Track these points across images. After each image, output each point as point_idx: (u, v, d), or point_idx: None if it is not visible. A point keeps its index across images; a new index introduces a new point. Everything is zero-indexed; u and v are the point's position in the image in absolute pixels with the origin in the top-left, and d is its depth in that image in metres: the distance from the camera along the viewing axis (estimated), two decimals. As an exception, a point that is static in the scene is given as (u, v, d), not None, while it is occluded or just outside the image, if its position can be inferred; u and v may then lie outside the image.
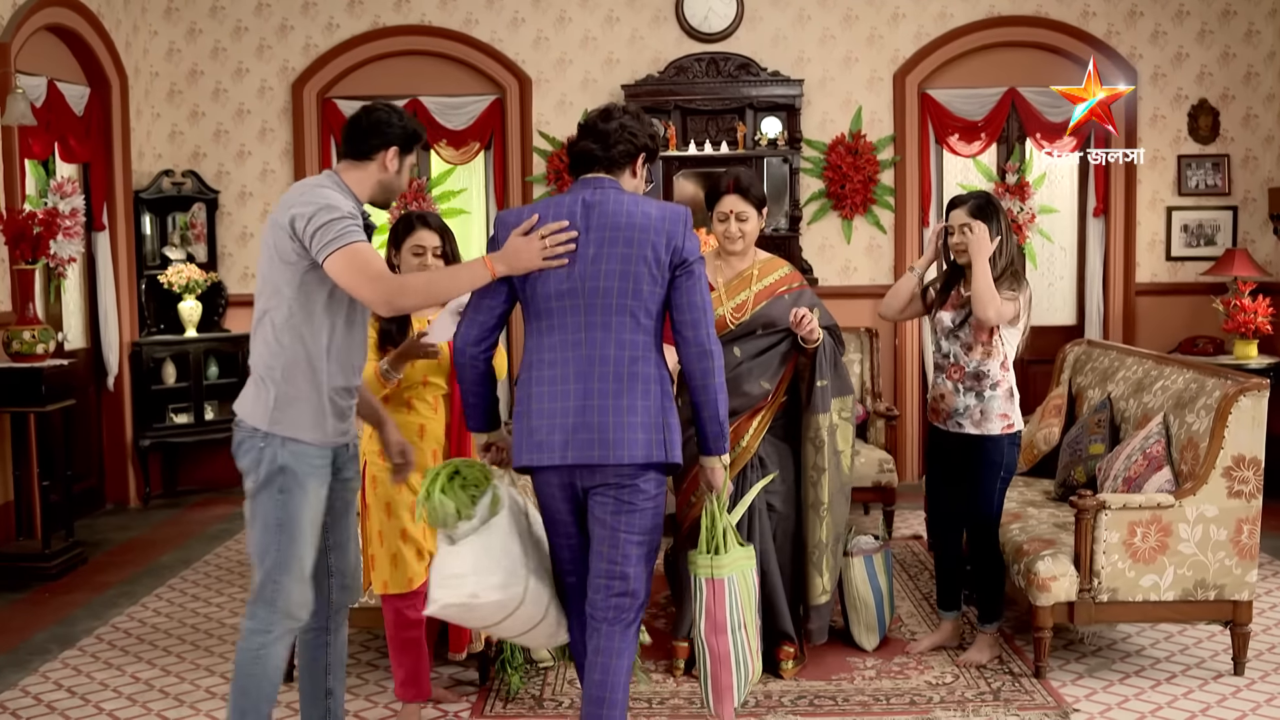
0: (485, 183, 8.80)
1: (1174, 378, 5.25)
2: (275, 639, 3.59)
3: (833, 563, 4.88)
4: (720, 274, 4.84)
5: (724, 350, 4.73)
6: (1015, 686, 4.65)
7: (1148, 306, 8.64)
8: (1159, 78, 8.55)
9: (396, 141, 3.64)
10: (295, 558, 3.59)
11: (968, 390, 4.76)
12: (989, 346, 4.72)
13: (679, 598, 5.13)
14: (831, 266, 8.62)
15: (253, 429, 3.58)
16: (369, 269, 3.46)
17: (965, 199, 4.79)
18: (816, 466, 4.75)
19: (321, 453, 3.63)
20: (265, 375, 3.58)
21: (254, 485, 3.59)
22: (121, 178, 8.06)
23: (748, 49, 8.48)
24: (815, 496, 4.76)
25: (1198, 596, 4.70)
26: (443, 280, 3.62)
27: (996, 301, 4.59)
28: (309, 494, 3.61)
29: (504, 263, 3.52)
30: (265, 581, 3.59)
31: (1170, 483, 4.82)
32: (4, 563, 6.37)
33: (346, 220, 3.47)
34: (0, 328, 6.50)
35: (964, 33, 8.53)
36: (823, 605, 4.85)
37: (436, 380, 4.22)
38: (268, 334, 3.60)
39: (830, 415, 4.76)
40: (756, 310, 4.77)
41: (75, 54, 7.71)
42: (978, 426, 4.75)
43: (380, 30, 8.59)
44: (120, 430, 8.11)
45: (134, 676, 4.91)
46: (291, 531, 3.58)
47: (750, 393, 4.76)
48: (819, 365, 4.72)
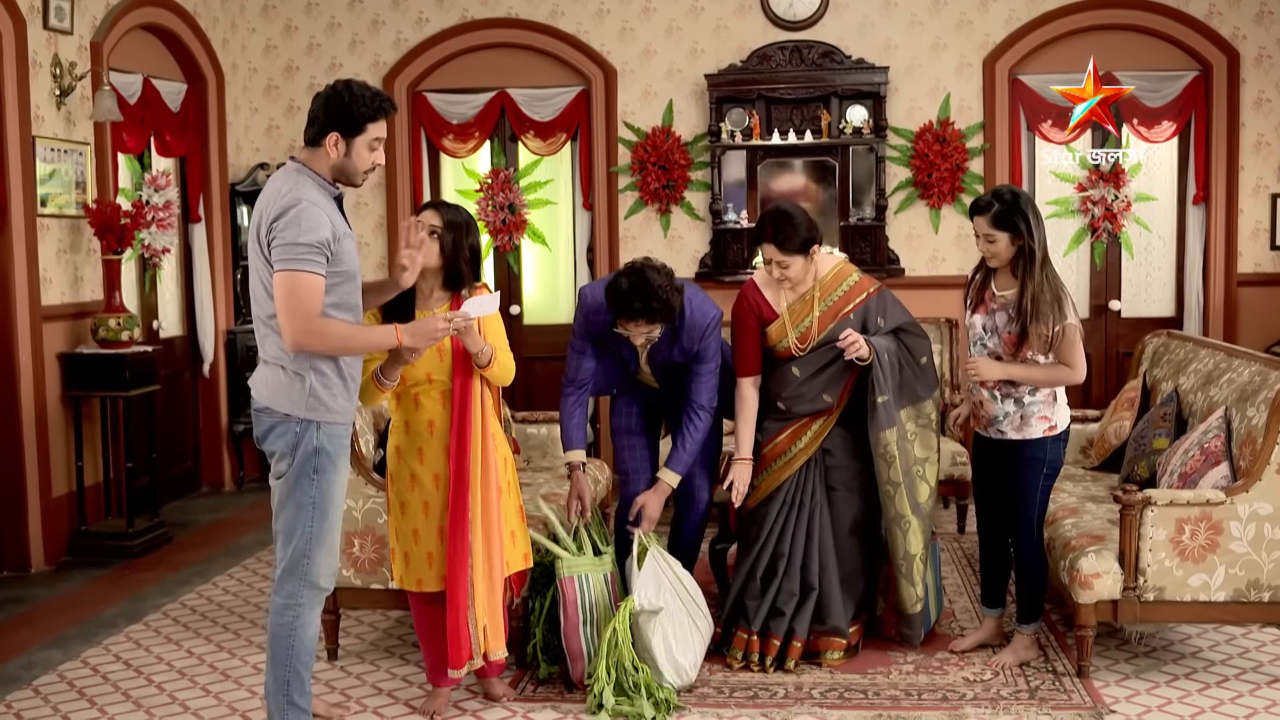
0: (572, 173, 8.87)
1: (1241, 370, 5.05)
2: (307, 609, 3.82)
3: (925, 572, 4.81)
4: (783, 297, 4.79)
5: (785, 369, 4.73)
6: (1055, 685, 4.53)
7: (1250, 298, 8.31)
8: (1264, 59, 8.20)
9: (336, 127, 3.74)
10: (327, 531, 3.81)
11: (1005, 397, 4.61)
12: (1021, 355, 4.56)
13: (723, 587, 5.15)
14: (919, 256, 8.47)
15: (285, 415, 3.74)
16: (301, 305, 3.63)
17: (988, 204, 4.51)
18: (891, 481, 4.68)
19: (348, 430, 3.87)
20: (294, 365, 3.73)
21: (288, 468, 3.76)
22: (217, 171, 8.32)
23: (833, 36, 8.39)
24: (896, 511, 4.70)
25: (1251, 598, 4.51)
26: (357, 337, 3.81)
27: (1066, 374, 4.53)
28: (340, 472, 3.84)
29: (410, 336, 3.86)
30: (297, 557, 3.78)
31: (1227, 478, 4.64)
32: (89, 540, 6.65)
33: (305, 248, 3.62)
34: (90, 315, 6.78)
35: (1057, 16, 8.30)
36: (917, 615, 4.82)
37: (440, 376, 4.20)
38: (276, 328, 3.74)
39: (899, 429, 4.66)
40: (821, 337, 4.73)
41: (172, 52, 7.98)
42: (1018, 431, 4.62)
43: (468, 24, 8.71)
44: (215, 415, 8.39)
45: (189, 651, 5.09)
46: (324, 508, 3.79)
47: (813, 406, 4.76)
48: (876, 381, 4.63)
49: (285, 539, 3.80)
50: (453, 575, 4.16)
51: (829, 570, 4.76)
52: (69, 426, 6.69)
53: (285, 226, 3.62)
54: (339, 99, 3.74)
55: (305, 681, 3.86)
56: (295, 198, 3.67)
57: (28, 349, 6.39)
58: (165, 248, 7.41)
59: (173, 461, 7.98)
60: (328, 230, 3.68)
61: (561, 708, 4.42)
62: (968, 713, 4.30)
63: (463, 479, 4.17)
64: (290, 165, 3.80)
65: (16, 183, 6.31)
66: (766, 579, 4.74)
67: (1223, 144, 8.27)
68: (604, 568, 4.63)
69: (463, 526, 4.15)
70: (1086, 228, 8.47)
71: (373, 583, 4.76)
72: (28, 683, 4.75)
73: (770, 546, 4.75)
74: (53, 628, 5.43)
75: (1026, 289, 4.44)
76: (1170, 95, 8.30)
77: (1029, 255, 4.45)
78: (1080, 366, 4.53)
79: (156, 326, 7.87)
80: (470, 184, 8.84)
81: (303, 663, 3.85)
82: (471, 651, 4.21)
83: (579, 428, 4.91)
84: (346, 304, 3.81)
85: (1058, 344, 4.48)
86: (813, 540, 4.75)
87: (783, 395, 4.76)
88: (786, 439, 4.77)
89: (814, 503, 4.78)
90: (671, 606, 4.51)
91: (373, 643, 5.16)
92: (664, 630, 4.45)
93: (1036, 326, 4.43)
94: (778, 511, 4.76)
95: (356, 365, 3.89)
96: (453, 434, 4.18)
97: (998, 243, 4.50)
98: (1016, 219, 4.45)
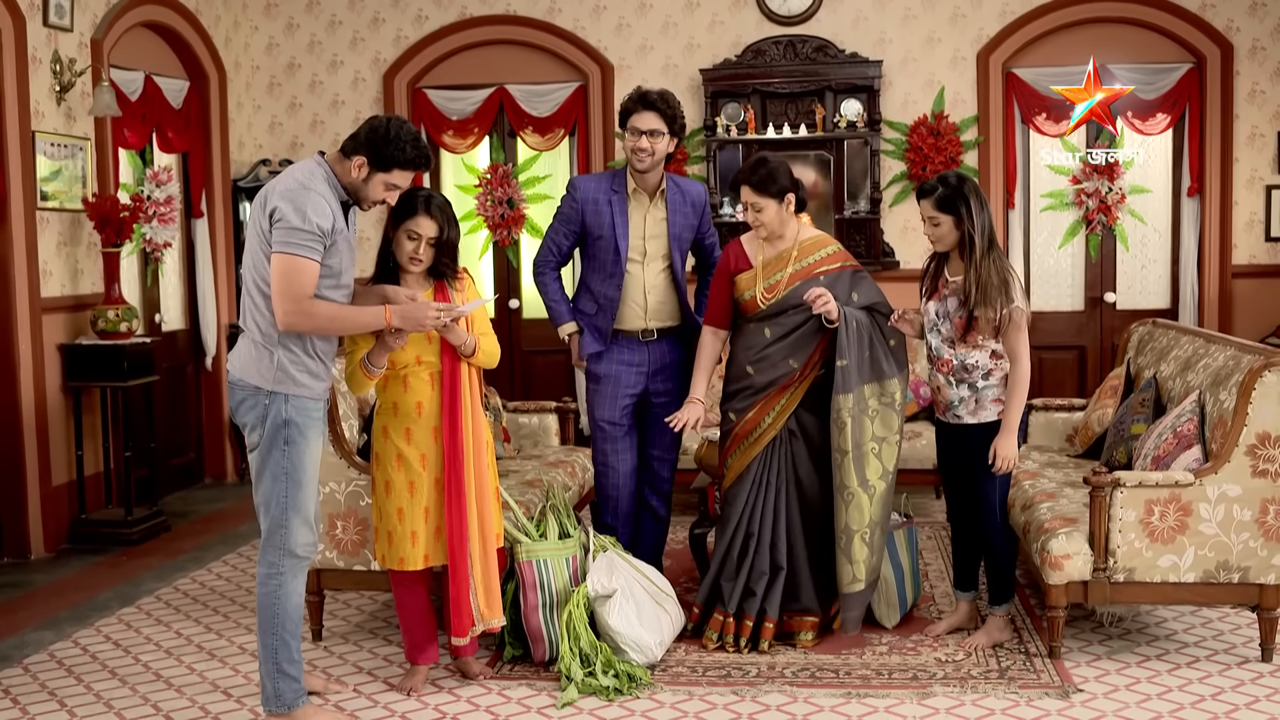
0: (570, 168, 8.95)
1: (1217, 355, 5.08)
2: (289, 577, 4.01)
3: (868, 554, 4.73)
4: (761, 252, 4.87)
5: (755, 330, 4.80)
6: (1026, 666, 4.58)
7: (1245, 289, 8.33)
8: (1257, 51, 8.23)
9: (367, 154, 3.92)
10: (301, 502, 3.99)
11: (959, 382, 4.66)
12: (971, 340, 4.61)
13: (704, 571, 5.21)
14: (914, 249, 8.51)
15: (255, 388, 3.93)
16: (294, 288, 3.81)
17: (932, 187, 4.60)
18: (839, 449, 4.70)
19: (319, 405, 4.02)
20: (263, 340, 3.91)
21: (259, 439, 3.95)
22: (219, 167, 8.44)
23: (828, 31, 8.45)
24: (840, 480, 4.70)
25: (1220, 579, 4.55)
26: (345, 316, 3.97)
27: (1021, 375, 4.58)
28: (310, 444, 4.00)
29: (399, 318, 4.01)
30: (274, 527, 3.98)
31: (1199, 461, 4.68)
32: (89, 528, 6.77)
33: (307, 234, 3.79)
34: (90, 308, 6.89)
35: (1050, 9, 8.36)
36: (853, 595, 4.74)
37: (429, 358, 4.29)
38: (261, 302, 3.91)
39: (859, 401, 4.68)
40: (788, 291, 4.78)
41: (174, 49, 8.10)
42: (974, 416, 4.67)
43: (467, 20, 8.81)
44: (218, 408, 8.49)
45: (178, 633, 5.18)
46: (298, 478, 3.97)
47: (778, 370, 4.80)
48: (839, 345, 4.69)
49: (264, 510, 4.01)
50: (455, 548, 4.28)
51: (797, 549, 4.82)
52: (69, 416, 6.80)
53: (290, 211, 3.79)
54: (383, 133, 3.91)
55: (294, 650, 4.04)
56: (305, 186, 3.85)
57: (27, 340, 6.50)
58: (167, 242, 7.52)
59: (174, 453, 8.09)
60: (329, 221, 3.85)
61: (536, 685, 4.50)
62: (936, 691, 4.35)
63: (457, 456, 4.28)
64: (315, 157, 3.99)
65: (16, 177, 6.42)
66: (739, 559, 4.80)
67: (1217, 136, 8.30)
68: (566, 552, 4.71)
69: (461, 502, 4.27)
70: (1081, 220, 8.51)
71: (355, 564, 4.84)
72: (18, 661, 4.85)
73: (743, 526, 4.81)
74: (47, 610, 5.53)
75: (970, 273, 4.51)
76: (1164, 88, 8.33)
77: (971, 241, 4.52)
78: (1024, 353, 4.56)
79: (159, 320, 7.99)
80: (469, 179, 8.94)
81: (289, 631, 4.02)
82: (473, 619, 4.34)
83: (564, 299, 5.24)
84: (323, 299, 3.95)
85: (1005, 328, 4.53)
86: (780, 519, 4.81)
87: (751, 359, 4.81)
88: (755, 415, 4.82)
89: (780, 481, 4.82)
90: (627, 589, 4.60)
91: (357, 624, 5.24)
92: (621, 610, 4.53)
93: (984, 310, 4.49)
94: (748, 491, 4.82)
95: (326, 343, 4.03)
96: (444, 414, 4.29)
97: (941, 225, 4.59)
98: (959, 203, 4.54)
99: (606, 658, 4.44)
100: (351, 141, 3.96)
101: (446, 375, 4.30)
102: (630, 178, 5.05)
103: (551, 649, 4.61)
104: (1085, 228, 8.51)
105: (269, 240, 3.83)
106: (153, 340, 7.07)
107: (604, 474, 5.15)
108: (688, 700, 4.33)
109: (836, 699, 4.31)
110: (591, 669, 4.42)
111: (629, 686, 4.39)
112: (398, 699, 4.41)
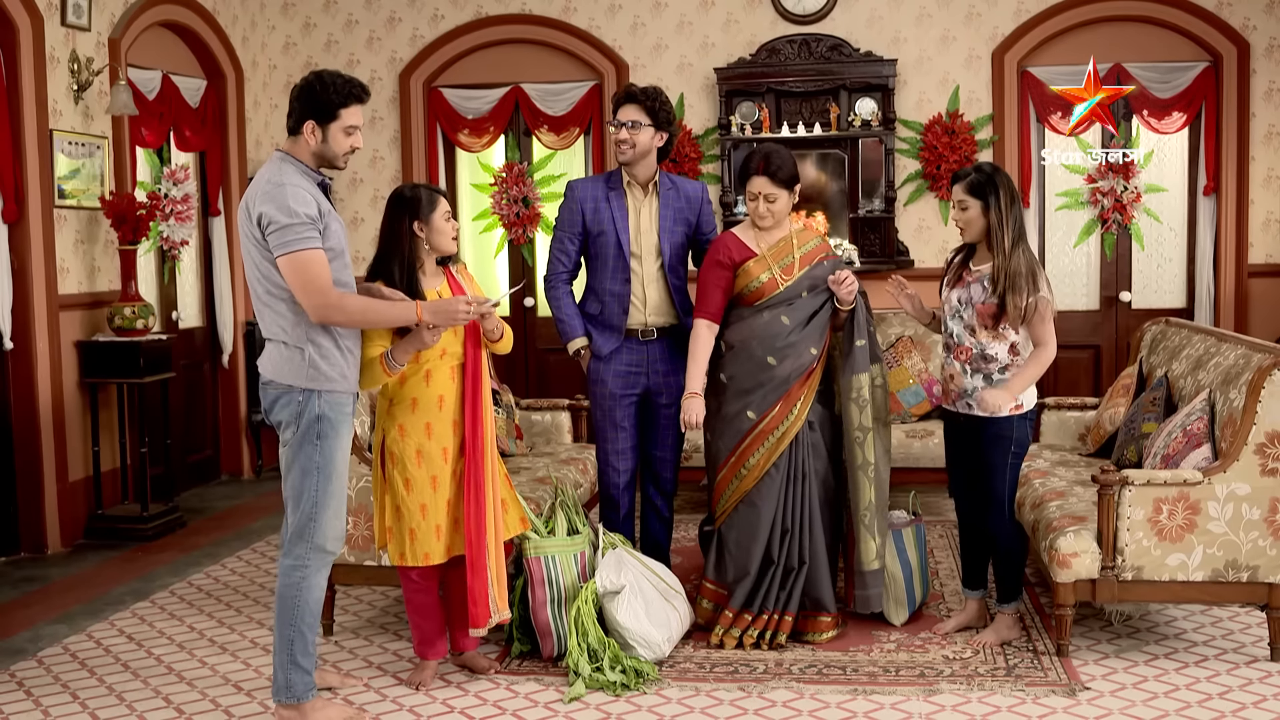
0: (585, 167, 8.98)
1: (1228, 354, 5.07)
2: (313, 571, 4.04)
3: (886, 538, 4.87)
4: (762, 240, 4.91)
5: (774, 318, 4.81)
6: (1033, 664, 4.58)
7: (1261, 288, 8.30)
8: (1274, 50, 8.19)
9: (311, 115, 3.93)
10: (332, 495, 4.04)
11: (975, 372, 4.67)
12: (994, 331, 4.63)
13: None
14: (929, 248, 8.52)
15: (288, 386, 3.97)
16: (314, 281, 3.84)
17: (966, 173, 4.67)
18: (861, 427, 4.77)
19: (350, 399, 4.06)
20: (293, 340, 3.95)
21: (293, 435, 3.99)
22: (237, 166, 8.49)
23: (843, 30, 8.45)
24: (863, 457, 4.78)
25: (1229, 577, 4.54)
26: (377, 310, 4.02)
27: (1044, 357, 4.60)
28: (342, 438, 4.05)
29: (431, 314, 4.05)
30: (304, 521, 4.01)
31: (1208, 459, 4.67)
32: (105, 524, 6.83)
33: (300, 226, 3.82)
34: (106, 305, 6.95)
35: (1065, 8, 8.34)
36: (875, 572, 4.82)
37: (454, 349, 4.33)
38: (282, 308, 3.96)
39: (871, 375, 4.79)
40: (803, 273, 4.83)
41: (191, 49, 8.16)
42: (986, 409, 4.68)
43: (483, 20, 8.84)
44: (234, 405, 8.55)
45: (191, 627, 5.23)
46: (329, 472, 4.01)
47: (802, 358, 4.82)
48: (857, 325, 4.78)
49: (294, 504, 4.04)
50: (476, 540, 4.30)
51: (818, 544, 4.84)
52: (86, 413, 6.86)
53: (275, 212, 3.83)
54: (311, 88, 3.94)
55: (309, 643, 4.07)
56: (279, 183, 3.88)
57: (45, 336, 6.56)
58: (184, 240, 7.57)
59: (192, 450, 8.15)
60: (314, 207, 3.88)
61: (544, 680, 4.52)
62: (943, 689, 4.36)
63: (478, 447, 4.33)
64: (275, 155, 4.01)
65: (34, 175, 6.48)
66: (765, 556, 4.81)
67: (1233, 135, 8.27)
68: (575, 548, 4.73)
69: (480, 493, 4.31)
70: (1096, 219, 8.49)
71: (366, 559, 4.87)
72: (33, 654, 4.90)
73: (779, 524, 4.80)
74: (62, 605, 5.59)
75: (998, 261, 4.55)
76: (1180, 86, 8.30)
77: (999, 230, 4.54)
78: (1051, 342, 4.60)
79: (176, 317, 8.04)
80: (485, 178, 8.97)
81: (307, 624, 4.05)
82: (490, 611, 4.35)
83: (576, 315, 5.15)
84: (339, 280, 3.99)
85: (1030, 317, 4.55)
86: (805, 514, 4.83)
87: (775, 347, 4.79)
88: (780, 410, 4.82)
89: (809, 472, 4.85)
90: (636, 585, 4.62)
91: (369, 619, 5.28)
92: (630, 606, 4.56)
93: (1013, 298, 4.51)
94: (780, 487, 4.80)
95: (352, 336, 4.07)
96: (466, 404, 4.34)
97: (969, 210, 4.62)
98: (988, 190, 4.58)
99: (614, 653, 4.46)
100: (291, 118, 3.99)
101: (469, 365, 4.36)
102: (624, 174, 5.09)
103: (559, 644, 4.63)
104: (1100, 226, 8.49)
105: (267, 246, 3.87)
106: (169, 337, 7.12)
107: (606, 474, 5.17)
108: (695, 696, 4.35)
109: (843, 695, 4.32)
110: (599, 664, 4.45)
111: (636, 682, 4.41)
112: (407, 693, 4.44)
